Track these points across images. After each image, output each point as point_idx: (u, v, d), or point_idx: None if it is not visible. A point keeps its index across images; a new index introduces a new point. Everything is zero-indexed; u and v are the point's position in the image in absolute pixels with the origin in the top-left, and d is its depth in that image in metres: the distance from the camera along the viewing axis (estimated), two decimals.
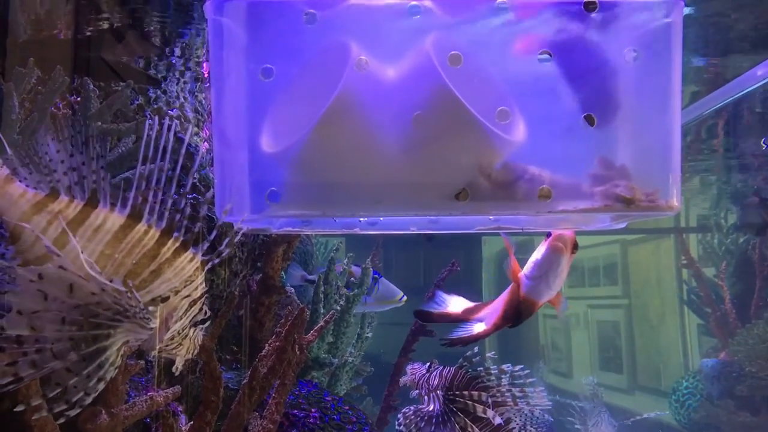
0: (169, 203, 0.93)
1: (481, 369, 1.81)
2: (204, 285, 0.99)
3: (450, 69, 1.09)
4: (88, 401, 0.87)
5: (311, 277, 2.67)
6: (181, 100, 2.00)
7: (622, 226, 1.35)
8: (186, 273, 0.95)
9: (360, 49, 1.12)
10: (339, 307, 2.53)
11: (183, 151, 0.95)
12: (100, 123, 1.50)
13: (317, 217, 1.26)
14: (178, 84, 2.03)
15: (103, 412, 1.21)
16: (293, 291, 2.31)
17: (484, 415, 1.70)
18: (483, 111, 1.09)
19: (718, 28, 2.12)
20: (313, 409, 1.95)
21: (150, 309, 0.92)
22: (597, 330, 5.64)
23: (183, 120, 1.96)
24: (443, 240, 4.25)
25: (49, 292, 0.86)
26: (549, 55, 1.16)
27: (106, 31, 1.93)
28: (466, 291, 1.73)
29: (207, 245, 0.97)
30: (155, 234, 0.93)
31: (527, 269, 1.49)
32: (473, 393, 1.74)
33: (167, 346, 0.98)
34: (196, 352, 1.03)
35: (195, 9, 1.86)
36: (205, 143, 1.99)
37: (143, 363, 1.30)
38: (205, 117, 2.08)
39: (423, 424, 1.77)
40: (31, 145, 0.92)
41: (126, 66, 2.05)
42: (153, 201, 0.93)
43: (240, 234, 1.01)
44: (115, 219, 0.91)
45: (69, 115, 1.52)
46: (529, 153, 1.16)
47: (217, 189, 1.20)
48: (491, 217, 1.31)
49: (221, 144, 1.22)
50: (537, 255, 1.47)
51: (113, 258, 0.90)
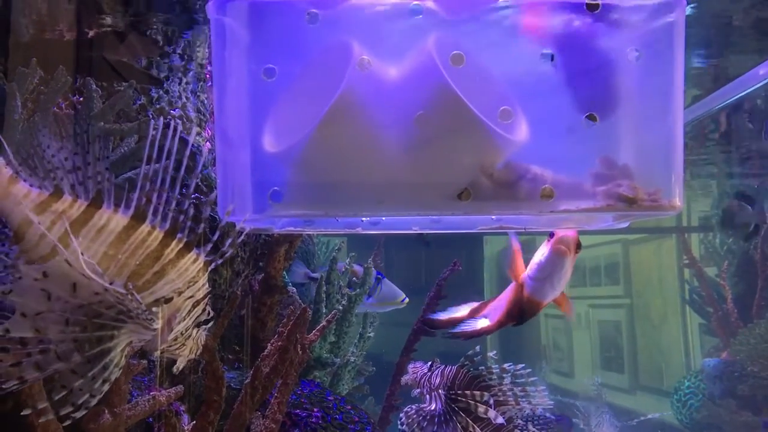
0: (173, 204, 0.94)
1: (483, 368, 1.81)
2: (207, 286, 0.99)
3: (452, 69, 1.09)
4: (93, 403, 0.88)
5: (314, 275, 2.66)
6: (184, 100, 2.00)
7: (624, 225, 1.35)
8: (189, 274, 0.95)
9: (362, 49, 1.12)
10: (341, 307, 2.53)
11: (187, 152, 0.95)
12: (102, 123, 1.50)
13: (319, 217, 1.26)
14: (180, 84, 2.03)
15: (106, 411, 1.21)
16: (295, 291, 2.30)
17: (485, 416, 1.69)
18: (485, 111, 1.09)
19: (719, 27, 2.11)
20: (316, 409, 1.95)
21: (153, 310, 0.92)
22: (599, 330, 5.63)
23: (185, 120, 1.96)
24: (444, 240, 4.25)
25: (53, 291, 0.86)
26: (551, 55, 1.15)
27: (108, 31, 1.93)
28: (467, 291, 1.73)
29: (210, 246, 0.97)
30: (159, 235, 0.93)
31: (530, 270, 1.49)
32: (475, 393, 1.74)
33: (170, 346, 0.98)
34: (199, 352, 1.03)
35: (197, 9, 1.86)
36: (208, 143, 1.99)
37: (146, 363, 1.30)
38: (208, 117, 2.08)
39: (425, 423, 1.77)
40: (35, 145, 0.92)
41: (128, 66, 2.05)
42: (157, 202, 0.93)
43: (243, 234, 1.01)
44: (119, 220, 0.91)
45: (72, 115, 1.52)
46: (532, 152, 1.16)
47: (220, 189, 1.20)
48: (493, 217, 1.31)
49: (223, 144, 1.22)
50: (540, 256, 1.47)
51: (116, 259, 0.90)
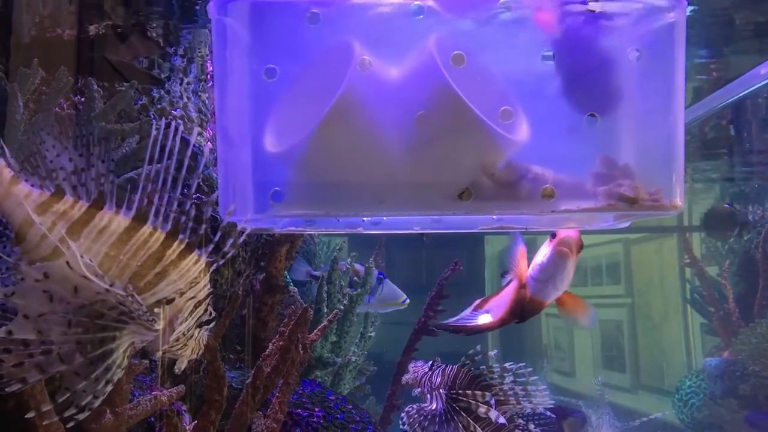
0: (174, 205, 0.94)
1: (484, 367, 1.80)
2: (209, 286, 0.99)
3: (453, 69, 1.09)
4: (96, 404, 0.88)
5: (316, 273, 2.66)
6: (185, 100, 2.00)
7: (625, 225, 1.35)
8: (191, 275, 0.95)
9: (363, 49, 1.12)
10: (342, 307, 2.53)
11: (188, 153, 0.95)
12: (104, 123, 1.51)
13: (321, 217, 1.26)
14: (181, 84, 2.03)
15: (108, 411, 1.21)
16: (296, 291, 2.31)
17: (487, 415, 1.69)
18: (486, 111, 1.09)
19: (721, 26, 2.11)
20: (317, 409, 1.95)
21: (155, 311, 0.92)
22: (600, 329, 5.63)
23: (186, 120, 1.96)
24: (445, 239, 4.25)
25: (55, 291, 0.86)
26: (552, 55, 1.16)
27: (109, 32, 1.94)
28: (468, 290, 1.73)
29: (211, 246, 0.97)
30: (160, 236, 0.93)
31: (533, 270, 1.48)
32: (476, 393, 1.74)
33: (172, 347, 0.98)
34: (200, 352, 1.03)
35: (198, 9, 1.86)
36: (209, 143, 1.99)
37: (147, 362, 1.31)
38: (209, 117, 2.08)
39: (427, 423, 1.77)
40: (36, 145, 0.92)
41: (129, 66, 2.05)
42: (158, 203, 0.93)
43: (244, 234, 1.01)
44: (120, 221, 0.91)
45: (73, 116, 1.52)
46: (532, 152, 1.16)
47: (221, 189, 1.20)
48: (494, 217, 1.30)
49: (225, 144, 1.22)
50: (542, 257, 1.46)
51: (118, 260, 0.90)
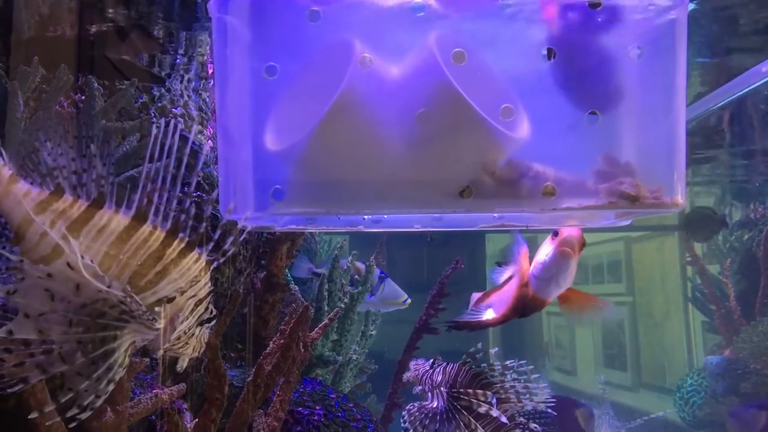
0: (174, 203, 0.93)
1: (485, 365, 1.80)
2: (209, 284, 0.99)
3: (454, 66, 1.09)
4: (98, 403, 0.88)
5: (318, 270, 2.66)
6: (185, 98, 2.00)
7: (626, 223, 1.35)
8: (192, 273, 0.95)
9: (364, 47, 1.12)
10: (343, 305, 2.53)
11: (188, 150, 0.95)
12: (104, 121, 1.51)
13: (321, 215, 1.26)
14: (182, 82, 2.03)
15: (109, 409, 1.22)
16: (297, 289, 2.31)
17: (488, 414, 1.69)
18: (487, 108, 1.09)
19: (722, 24, 2.11)
20: (318, 407, 1.95)
21: (155, 309, 0.92)
22: (601, 327, 5.62)
23: (187, 118, 1.96)
24: (446, 237, 4.24)
25: (56, 291, 0.86)
26: (553, 52, 1.15)
27: (110, 30, 1.94)
28: (469, 289, 1.73)
29: (212, 244, 0.97)
30: (160, 235, 0.93)
31: (535, 268, 1.48)
32: (478, 392, 1.74)
33: (173, 345, 0.98)
34: (201, 350, 1.03)
35: (199, 7, 1.86)
36: (209, 141, 1.99)
37: (147, 360, 1.31)
38: (209, 115, 2.08)
39: (428, 421, 1.77)
40: (36, 143, 0.92)
41: (130, 64, 2.05)
42: (158, 202, 0.93)
43: (245, 232, 1.01)
44: (120, 220, 0.91)
45: (74, 114, 1.52)
46: (533, 150, 1.16)
47: (221, 187, 1.20)
48: (495, 215, 1.30)
49: (225, 142, 1.22)
50: (544, 255, 1.46)
51: (118, 259, 0.90)
